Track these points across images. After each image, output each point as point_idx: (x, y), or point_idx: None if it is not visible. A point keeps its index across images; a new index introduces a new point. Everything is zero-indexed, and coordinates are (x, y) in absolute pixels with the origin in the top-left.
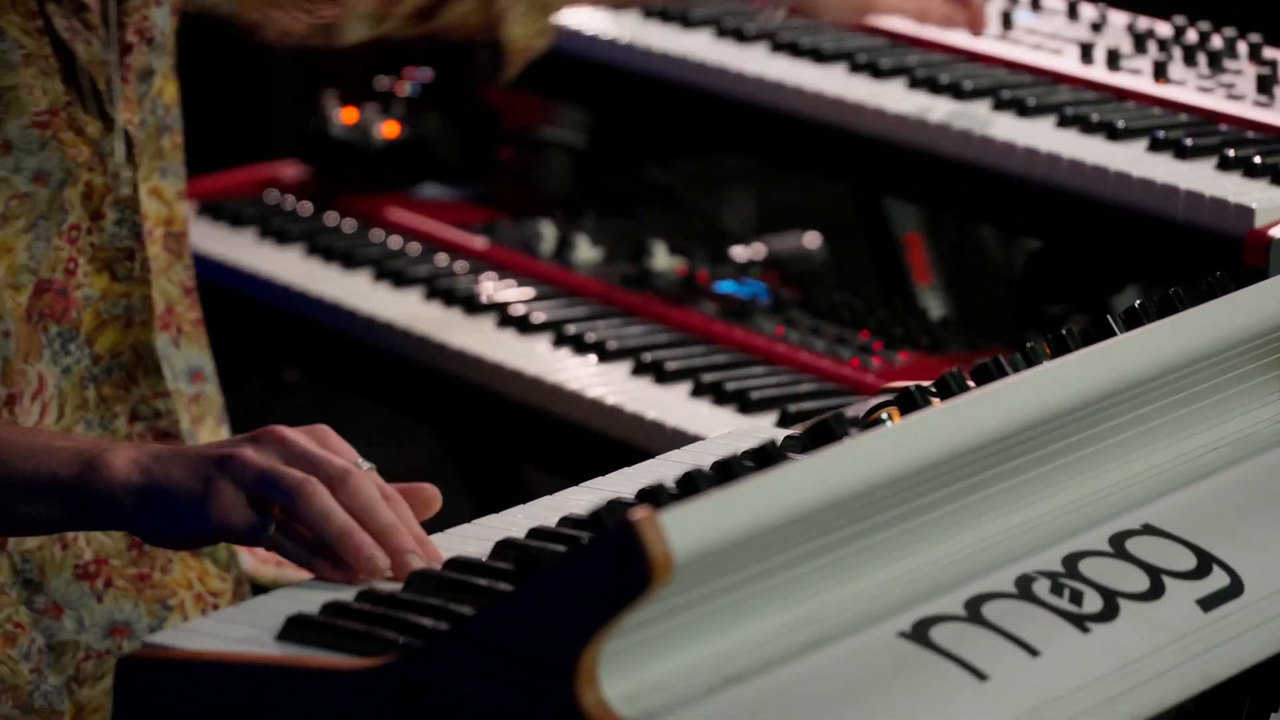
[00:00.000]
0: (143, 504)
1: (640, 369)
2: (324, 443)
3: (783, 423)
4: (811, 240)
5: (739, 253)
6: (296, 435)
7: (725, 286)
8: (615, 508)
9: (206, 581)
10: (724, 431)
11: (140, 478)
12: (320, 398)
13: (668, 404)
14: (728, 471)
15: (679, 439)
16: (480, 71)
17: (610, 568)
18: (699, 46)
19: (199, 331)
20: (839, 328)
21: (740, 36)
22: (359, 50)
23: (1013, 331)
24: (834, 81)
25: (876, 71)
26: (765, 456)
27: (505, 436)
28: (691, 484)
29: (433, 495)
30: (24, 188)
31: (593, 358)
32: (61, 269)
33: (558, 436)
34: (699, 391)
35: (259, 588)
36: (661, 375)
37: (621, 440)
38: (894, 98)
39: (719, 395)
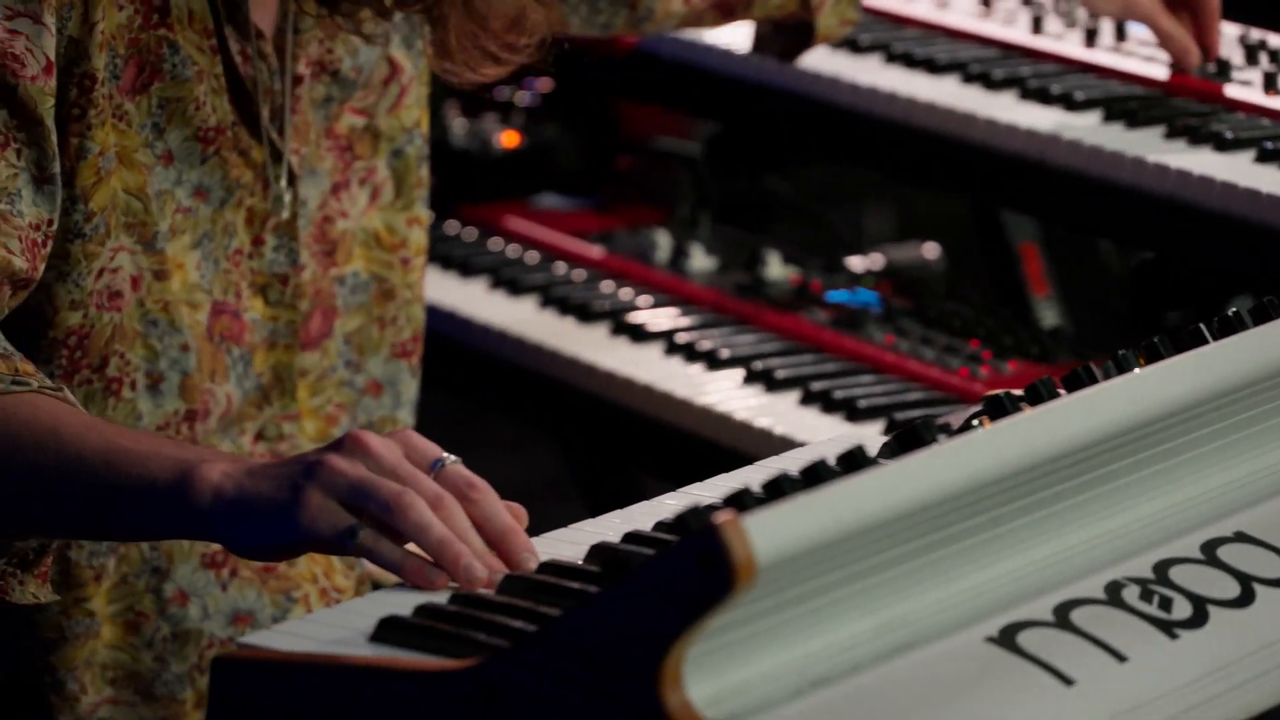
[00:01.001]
0: (232, 517)
1: (751, 377)
2: (408, 445)
3: (889, 431)
4: (930, 250)
5: (854, 263)
6: (381, 443)
7: (837, 296)
8: (700, 512)
9: (332, 577)
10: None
11: (232, 491)
12: (435, 405)
13: (777, 412)
14: (814, 476)
15: (786, 447)
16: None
17: (694, 571)
18: (814, 57)
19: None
20: (949, 337)
21: (855, 47)
22: None
23: (1128, 341)
24: (947, 92)
25: (989, 82)
26: (852, 461)
27: (618, 444)
28: (778, 488)
29: (519, 515)
30: (186, 202)
31: (703, 365)
32: (232, 292)
33: (668, 444)
34: (808, 400)
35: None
36: (771, 383)
37: (731, 448)
38: (1005, 108)
39: (827, 403)
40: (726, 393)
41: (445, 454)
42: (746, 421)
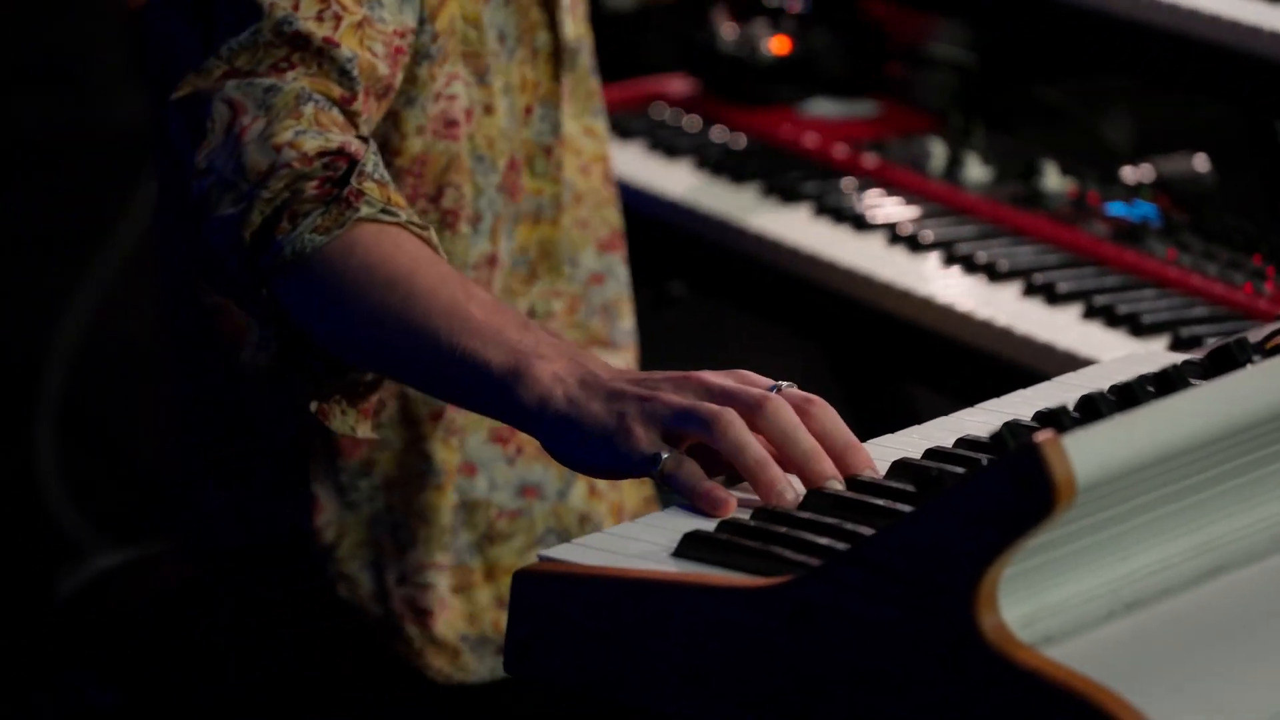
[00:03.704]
0: (556, 424)
1: (1031, 290)
2: (743, 377)
3: (1175, 347)
4: (1201, 163)
5: (1128, 173)
6: (716, 375)
7: (1116, 209)
8: (1016, 430)
9: None
10: (1117, 355)
11: (561, 401)
12: (706, 312)
13: (1059, 326)
14: (1129, 396)
15: (1070, 362)
16: None
17: (1013, 490)
18: None
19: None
20: (1231, 252)
21: None
22: None
23: None
24: (1230, 4)
25: None
26: (1167, 381)
27: (893, 355)
28: (1093, 408)
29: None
30: (493, 45)
31: (983, 278)
32: (522, 151)
33: (947, 356)
34: (1091, 314)
35: None
36: (1053, 297)
37: (1011, 361)
38: None
39: (1111, 318)
40: (1008, 306)
41: (780, 382)
42: (1029, 336)
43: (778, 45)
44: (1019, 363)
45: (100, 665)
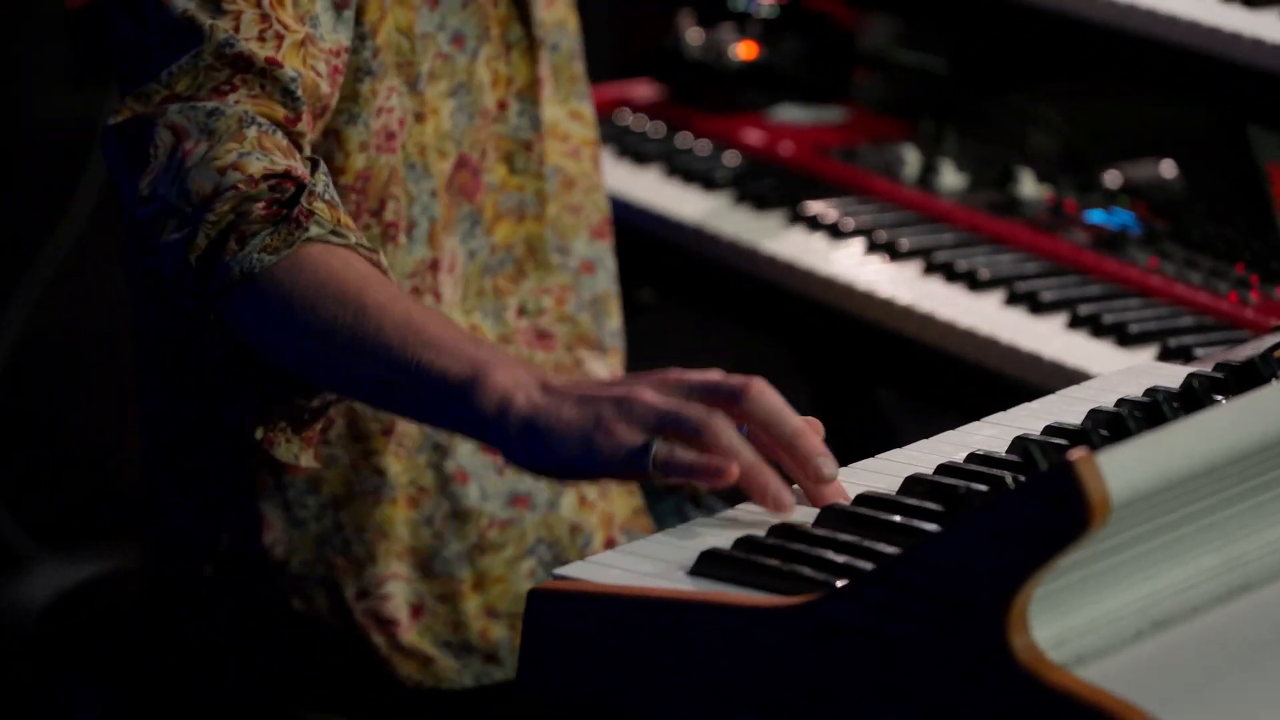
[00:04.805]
0: (523, 432)
1: (1014, 299)
2: (713, 377)
3: (1164, 357)
4: (1168, 168)
5: (1106, 179)
6: (691, 374)
7: (1094, 216)
8: (1046, 449)
9: None
10: (1104, 365)
11: (526, 407)
12: (676, 319)
13: (1043, 336)
14: (1156, 413)
15: (1056, 372)
16: None
17: (1046, 508)
18: None
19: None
20: (1214, 260)
21: None
22: None
23: None
24: (1207, 10)
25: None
26: (1192, 398)
27: (872, 364)
28: (1121, 426)
29: (815, 427)
30: (445, 48)
31: (964, 286)
32: (478, 150)
33: (928, 365)
34: (1076, 324)
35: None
36: (1036, 306)
37: (995, 371)
38: (1270, 27)
39: (1097, 328)
40: (990, 315)
41: (751, 378)
42: (1013, 345)
43: (745, 50)
44: (1003, 373)
45: (70, 677)
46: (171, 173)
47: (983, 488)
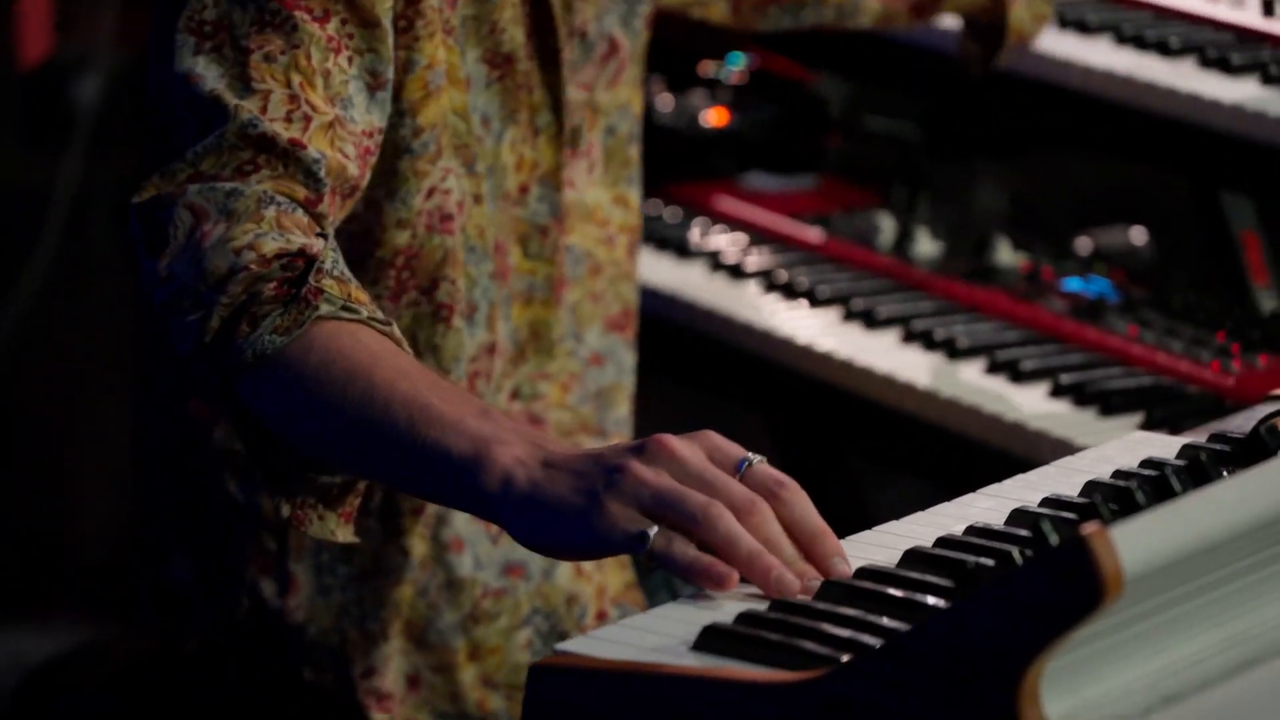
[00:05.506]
0: (522, 511)
1: (994, 368)
2: (711, 446)
3: (1148, 426)
4: (1138, 235)
5: (1080, 247)
6: (685, 447)
7: (1071, 284)
8: (1057, 523)
9: None
10: (1090, 435)
11: (524, 483)
12: (651, 386)
13: (1026, 405)
14: (1164, 486)
15: (1040, 441)
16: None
17: (1059, 583)
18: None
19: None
20: (1194, 329)
21: (1083, 28)
22: (680, 36)
23: None
24: (1185, 77)
25: (1227, 67)
26: (1200, 471)
27: (850, 433)
28: (1129, 499)
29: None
30: (477, 129)
31: (943, 355)
32: (504, 232)
33: (907, 434)
34: (1058, 393)
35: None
36: (1017, 375)
37: (978, 440)
38: (1250, 93)
39: (1080, 397)
40: (971, 383)
41: (750, 454)
42: (997, 415)
43: (716, 117)
44: (988, 442)
45: None
46: (189, 254)
47: (990, 562)
